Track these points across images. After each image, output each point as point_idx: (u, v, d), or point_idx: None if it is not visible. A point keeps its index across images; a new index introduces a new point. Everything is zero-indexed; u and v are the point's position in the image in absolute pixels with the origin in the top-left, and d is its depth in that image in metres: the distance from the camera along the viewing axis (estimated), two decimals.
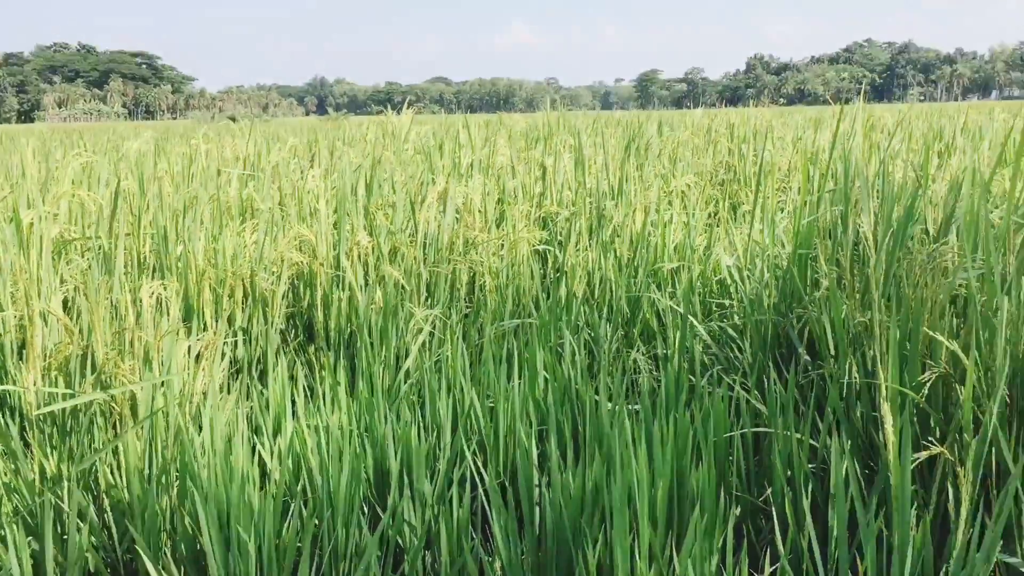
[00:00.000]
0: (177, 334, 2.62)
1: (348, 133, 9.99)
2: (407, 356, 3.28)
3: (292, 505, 2.35)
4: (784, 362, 2.80)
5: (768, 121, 8.70)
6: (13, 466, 2.38)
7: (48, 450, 2.45)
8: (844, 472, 1.96)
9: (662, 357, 3.27)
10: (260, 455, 2.68)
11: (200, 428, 2.51)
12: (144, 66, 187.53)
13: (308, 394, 3.08)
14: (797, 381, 2.64)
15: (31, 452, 2.48)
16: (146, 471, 2.41)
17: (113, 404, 2.47)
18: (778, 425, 2.25)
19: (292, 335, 3.57)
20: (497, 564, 2.21)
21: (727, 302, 3.49)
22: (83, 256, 3.56)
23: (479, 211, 4.31)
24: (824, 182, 3.23)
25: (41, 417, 2.47)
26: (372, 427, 2.68)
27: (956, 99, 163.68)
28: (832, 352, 2.49)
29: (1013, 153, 4.02)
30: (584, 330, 3.54)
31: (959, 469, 1.73)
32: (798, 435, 2.22)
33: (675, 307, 3.37)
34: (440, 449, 2.69)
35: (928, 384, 2.13)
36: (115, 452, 2.45)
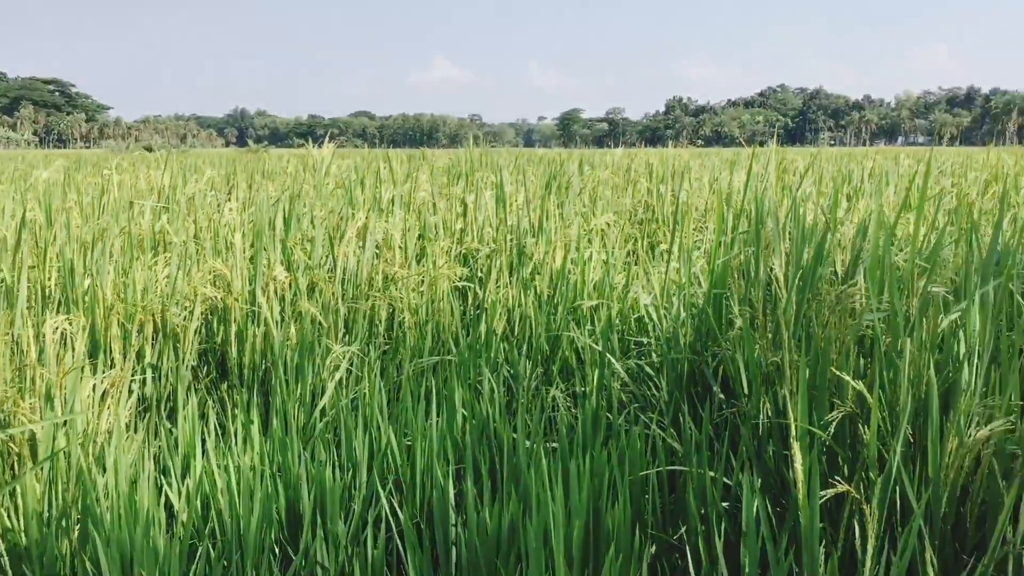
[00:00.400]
0: (82, 371, 2.53)
1: (268, 166, 9.88)
2: (323, 393, 3.23)
3: (200, 547, 2.28)
4: (699, 400, 2.84)
5: (686, 162, 8.89)
6: None
7: None
8: (755, 511, 1.99)
9: (580, 394, 3.28)
10: (167, 496, 2.59)
11: (104, 469, 2.42)
12: (57, 93, 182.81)
13: (219, 433, 3.00)
14: (712, 419, 2.67)
15: None
16: (46, 514, 2.31)
17: (11, 444, 2.37)
18: (692, 463, 2.28)
19: (204, 372, 3.48)
20: None
21: (645, 340, 3.54)
22: None
23: (399, 247, 4.29)
24: (739, 223, 3.31)
25: None
26: (286, 466, 2.62)
27: (864, 143, 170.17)
28: (745, 391, 2.54)
29: (916, 198, 4.20)
30: (503, 367, 3.54)
31: (865, 507, 1.77)
32: (712, 473, 2.25)
33: (593, 345, 3.39)
34: (356, 488, 2.65)
35: (835, 423, 2.18)
36: (12, 494, 2.35)
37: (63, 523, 2.28)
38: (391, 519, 2.50)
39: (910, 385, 2.12)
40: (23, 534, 2.27)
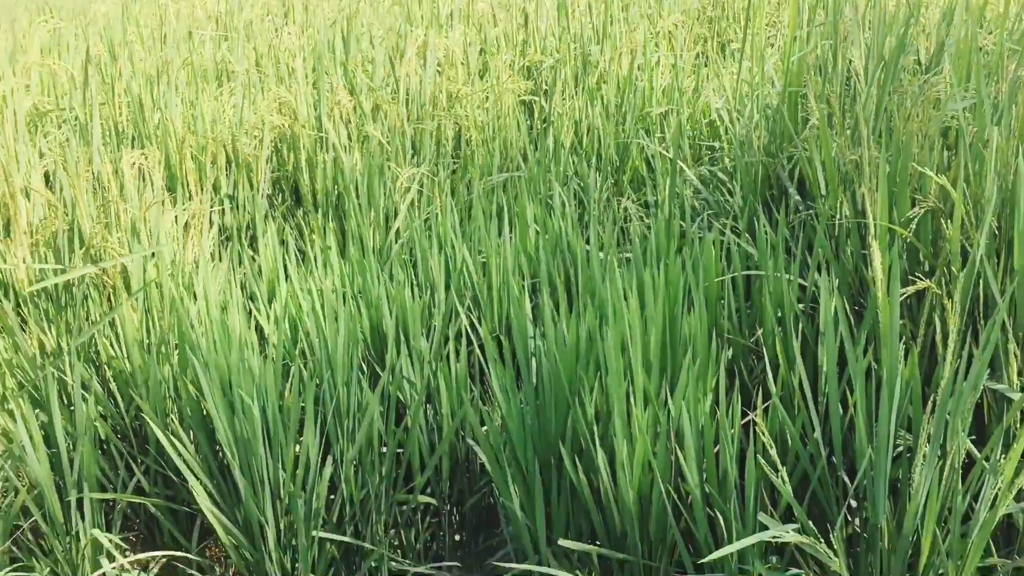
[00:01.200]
0: (163, 204, 2.59)
1: None
2: (396, 216, 3.26)
3: (292, 368, 2.39)
4: (775, 203, 2.80)
5: None
6: (12, 342, 2.40)
7: (45, 325, 2.47)
8: (833, 309, 1.98)
9: (652, 204, 3.25)
10: (256, 321, 2.70)
11: (195, 297, 2.52)
12: None
13: (299, 258, 3.08)
14: (787, 223, 2.64)
15: (28, 328, 2.50)
16: (145, 342, 2.44)
17: (105, 277, 2.47)
18: (768, 267, 2.26)
19: (279, 200, 3.54)
20: (496, 415, 2.27)
21: (717, 145, 3.46)
22: (59, 128, 3.48)
23: (461, 63, 4.20)
24: (814, 15, 3.13)
25: (35, 293, 2.47)
26: (366, 288, 2.69)
27: None
28: (822, 191, 2.48)
29: None
30: (573, 180, 3.51)
31: (946, 302, 1.75)
32: (788, 276, 2.23)
33: (664, 152, 3.33)
34: (435, 307, 2.72)
35: (916, 219, 2.13)
36: (112, 325, 2.47)
37: (162, 350, 2.41)
38: (471, 334, 2.57)
39: (996, 176, 2.04)
40: (127, 361, 2.40)
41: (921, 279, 1.94)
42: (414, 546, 2.51)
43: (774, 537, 1.77)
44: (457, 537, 2.64)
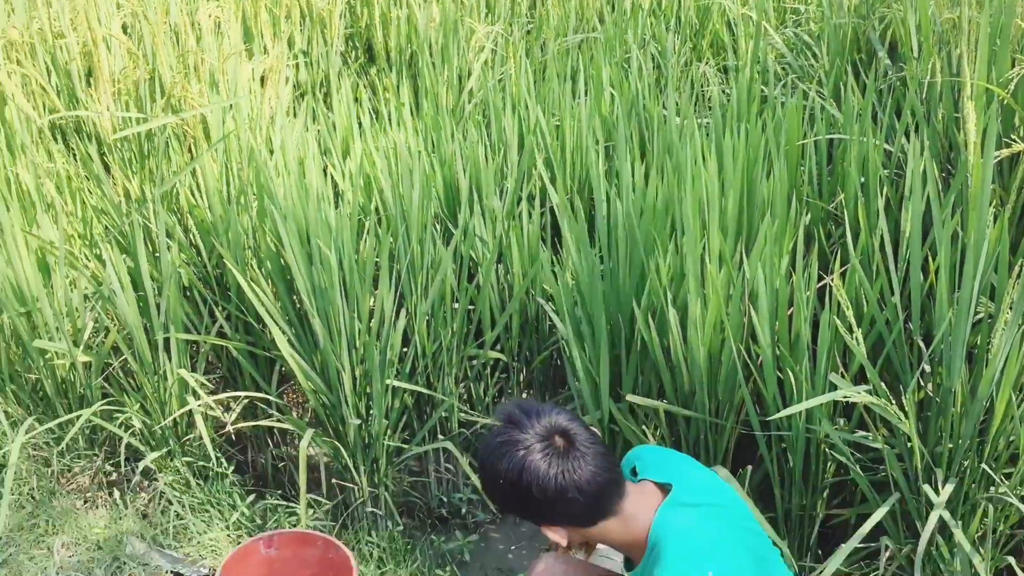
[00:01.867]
0: (239, 56, 2.59)
1: None
2: (470, 75, 3.22)
3: (367, 222, 2.42)
4: (863, 68, 2.69)
5: None
6: (99, 189, 2.47)
7: (129, 173, 2.53)
8: (922, 170, 1.93)
9: (732, 69, 3.15)
10: (332, 176, 2.72)
11: (272, 151, 2.54)
12: None
13: (373, 116, 3.07)
14: (875, 87, 2.54)
15: (112, 175, 2.56)
16: (225, 192, 2.48)
17: (186, 127, 2.51)
18: (854, 130, 2.20)
19: (352, 57, 3.51)
20: (568, 274, 2.28)
21: (803, 7, 3.31)
22: None
23: None
24: None
25: (118, 142, 2.52)
26: (439, 146, 2.68)
27: None
28: (914, 53, 2.37)
29: None
30: (651, 44, 3.41)
31: None
32: (875, 140, 2.17)
33: (748, 14, 3.21)
34: (508, 167, 2.71)
35: (1015, 80, 2.03)
36: (193, 174, 2.52)
37: (241, 201, 2.45)
38: (548, 191, 2.56)
39: None
40: (208, 211, 2.45)
41: (1016, 142, 1.86)
42: (483, 399, 2.58)
43: (844, 397, 1.78)
44: (524, 394, 2.70)
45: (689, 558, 1.36)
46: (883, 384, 1.81)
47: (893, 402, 1.77)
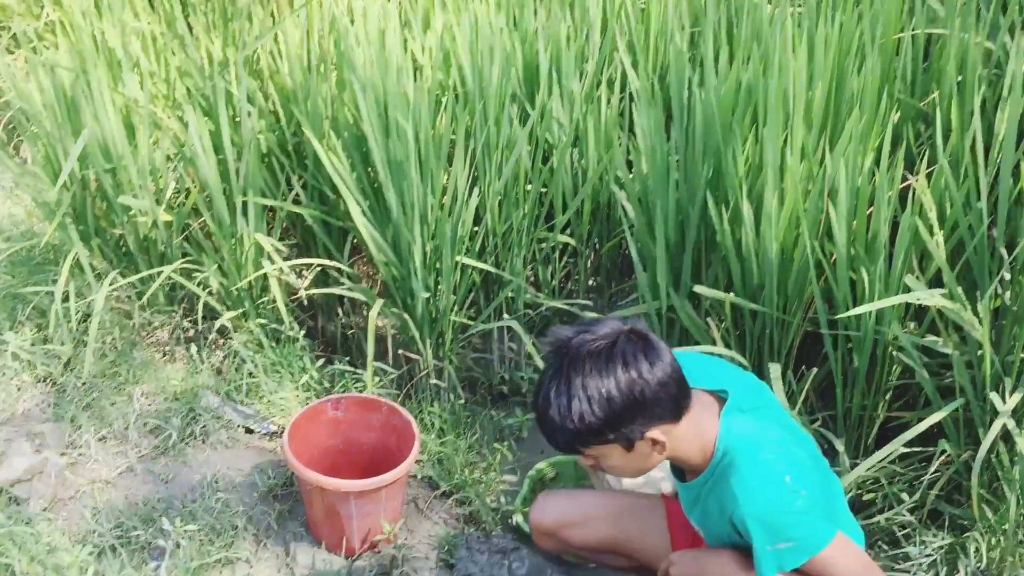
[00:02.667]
0: None
1: None
2: None
3: (444, 98, 2.40)
4: None
5: None
6: (182, 50, 2.49)
7: (211, 36, 2.54)
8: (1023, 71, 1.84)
9: None
10: (412, 51, 2.70)
11: (353, 20, 2.52)
12: None
13: None
14: None
15: (196, 37, 2.57)
16: (305, 60, 2.48)
17: None
18: (955, 25, 2.09)
19: None
20: (643, 160, 2.25)
21: None
22: None
23: None
24: None
25: (202, 2, 2.53)
26: (521, 23, 2.63)
27: None
28: None
29: None
30: None
31: None
32: (976, 37, 2.06)
33: None
34: (589, 49, 2.65)
35: None
36: (275, 40, 2.52)
37: (321, 69, 2.45)
38: (628, 75, 2.50)
39: None
40: (288, 77, 2.46)
41: None
42: (550, 283, 2.60)
43: (918, 299, 1.75)
44: (591, 282, 2.71)
45: (768, 469, 1.39)
46: (959, 290, 1.78)
47: (968, 308, 1.74)
